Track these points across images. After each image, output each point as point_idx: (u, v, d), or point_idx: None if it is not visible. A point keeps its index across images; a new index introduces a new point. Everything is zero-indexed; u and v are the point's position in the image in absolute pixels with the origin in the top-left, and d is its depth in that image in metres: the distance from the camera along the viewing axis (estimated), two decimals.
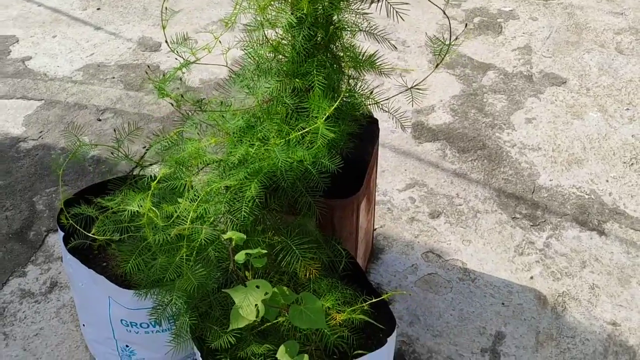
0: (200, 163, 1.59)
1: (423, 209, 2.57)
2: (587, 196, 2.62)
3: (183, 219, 1.53)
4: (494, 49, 3.57)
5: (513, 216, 2.54)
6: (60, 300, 2.23)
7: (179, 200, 1.60)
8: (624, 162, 2.78)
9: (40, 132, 3.01)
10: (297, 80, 1.54)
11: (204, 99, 1.64)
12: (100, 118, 3.08)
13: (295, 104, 1.59)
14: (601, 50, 3.54)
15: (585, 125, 3.00)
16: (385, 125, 2.34)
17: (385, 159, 2.80)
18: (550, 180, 2.70)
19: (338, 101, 1.54)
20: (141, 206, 1.54)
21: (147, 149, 1.78)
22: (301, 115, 1.61)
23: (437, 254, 2.39)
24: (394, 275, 2.30)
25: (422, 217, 2.54)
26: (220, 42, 1.83)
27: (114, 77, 3.37)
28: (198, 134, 1.71)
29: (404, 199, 2.62)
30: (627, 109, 3.10)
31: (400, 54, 3.51)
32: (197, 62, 1.80)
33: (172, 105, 1.62)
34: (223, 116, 1.53)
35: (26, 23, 3.88)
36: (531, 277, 2.30)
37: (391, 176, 2.72)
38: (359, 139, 1.79)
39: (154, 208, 1.52)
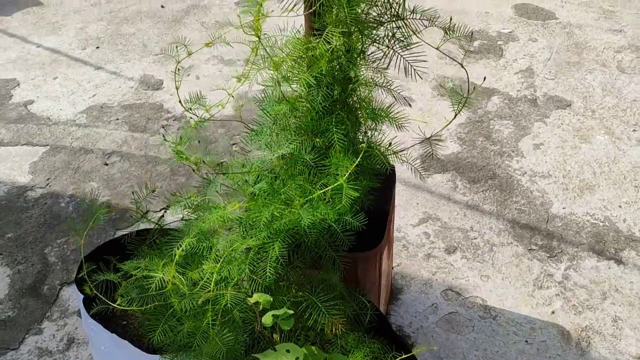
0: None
1: (438, 245, 2.56)
2: (601, 224, 2.61)
3: (207, 282, 1.51)
4: (497, 72, 3.57)
5: (529, 248, 2.53)
6: (79, 358, 2.20)
7: (203, 262, 1.59)
8: (636, 186, 2.78)
9: (48, 179, 2.98)
10: (317, 139, 1.52)
11: (224, 161, 1.63)
12: (107, 162, 3.07)
13: (315, 161, 1.58)
14: (603, 70, 3.55)
15: (594, 149, 3.00)
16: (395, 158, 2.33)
17: (396, 193, 2.78)
18: (564, 209, 2.69)
19: (359, 158, 1.53)
20: (165, 273, 1.52)
21: (166, 209, 1.76)
22: (322, 171, 1.60)
23: (457, 291, 2.37)
24: (415, 316, 2.28)
25: (438, 253, 2.52)
26: (232, 96, 1.83)
27: (117, 119, 3.36)
28: (217, 191, 1.70)
29: (418, 234, 2.60)
30: (634, 130, 3.10)
31: (403, 82, 3.50)
32: (212, 119, 1.79)
33: (193, 170, 1.60)
34: (246, 180, 1.51)
35: (26, 65, 3.86)
36: (552, 312, 2.28)
37: (404, 211, 2.71)
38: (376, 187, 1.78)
39: (178, 275, 1.50)
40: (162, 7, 4.45)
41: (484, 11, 4.19)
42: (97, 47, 4.01)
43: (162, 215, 1.81)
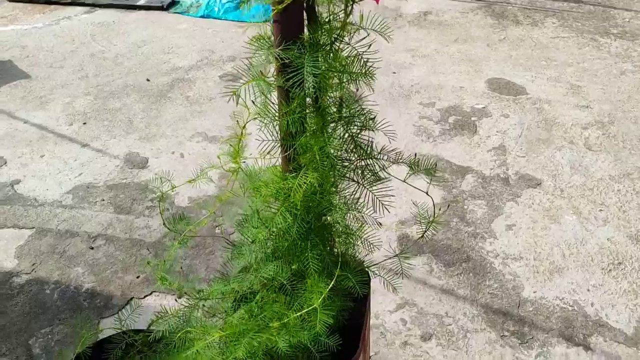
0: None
1: (414, 332, 2.64)
2: (570, 308, 2.72)
3: None
4: (470, 150, 3.72)
5: (502, 334, 2.62)
6: None
7: None
8: (603, 269, 2.90)
9: (33, 264, 3.04)
10: (293, 265, 1.62)
11: (203, 289, 1.71)
12: (93, 246, 3.14)
13: (292, 283, 1.67)
14: (571, 147, 3.71)
15: (563, 229, 3.13)
16: (371, 240, 2.41)
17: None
18: (534, 293, 2.80)
19: (332, 282, 1.63)
20: None
21: (150, 324, 1.83)
22: (298, 293, 1.69)
23: None
24: None
25: (414, 340, 2.61)
26: (214, 213, 1.92)
27: (103, 200, 3.44)
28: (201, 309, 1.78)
29: (395, 321, 2.69)
30: (601, 209, 3.24)
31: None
32: (193, 235, 1.88)
33: (176, 300, 1.69)
34: (225, 311, 1.60)
35: (13, 142, 3.95)
36: None
37: (382, 296, 2.80)
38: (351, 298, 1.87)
39: None
40: (148, 80, 4.58)
41: (459, 86, 4.37)
42: (84, 123, 4.12)
43: (148, 326, 1.87)
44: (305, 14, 1.40)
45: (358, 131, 1.54)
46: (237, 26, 5.44)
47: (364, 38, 1.40)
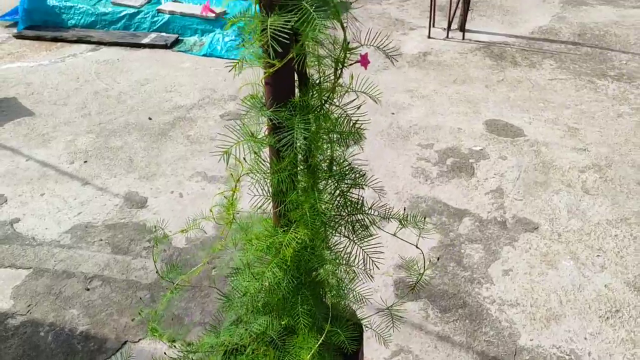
0: None
1: None
2: (567, 357, 2.70)
3: None
4: (468, 192, 3.74)
5: None
6: None
7: None
8: (600, 317, 2.88)
9: (29, 305, 3.04)
10: (283, 320, 1.63)
11: (192, 343, 1.71)
12: (89, 287, 3.13)
13: (282, 338, 1.67)
14: (568, 191, 3.72)
15: (560, 275, 3.12)
16: (364, 291, 2.40)
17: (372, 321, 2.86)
18: (531, 340, 2.78)
19: (322, 338, 1.62)
20: None
21: None
22: (287, 345, 1.69)
23: None
24: None
25: None
26: (208, 262, 1.93)
27: (101, 240, 3.45)
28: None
29: None
30: (598, 255, 3.23)
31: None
32: (186, 285, 1.89)
33: (165, 353, 1.69)
34: None
35: (14, 180, 3.98)
36: None
37: (377, 343, 2.77)
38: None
39: None
40: (150, 119, 4.64)
41: (457, 127, 4.41)
42: (85, 161, 4.15)
43: None
44: (296, 76, 1.43)
45: (348, 188, 1.56)
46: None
47: (353, 100, 1.43)
